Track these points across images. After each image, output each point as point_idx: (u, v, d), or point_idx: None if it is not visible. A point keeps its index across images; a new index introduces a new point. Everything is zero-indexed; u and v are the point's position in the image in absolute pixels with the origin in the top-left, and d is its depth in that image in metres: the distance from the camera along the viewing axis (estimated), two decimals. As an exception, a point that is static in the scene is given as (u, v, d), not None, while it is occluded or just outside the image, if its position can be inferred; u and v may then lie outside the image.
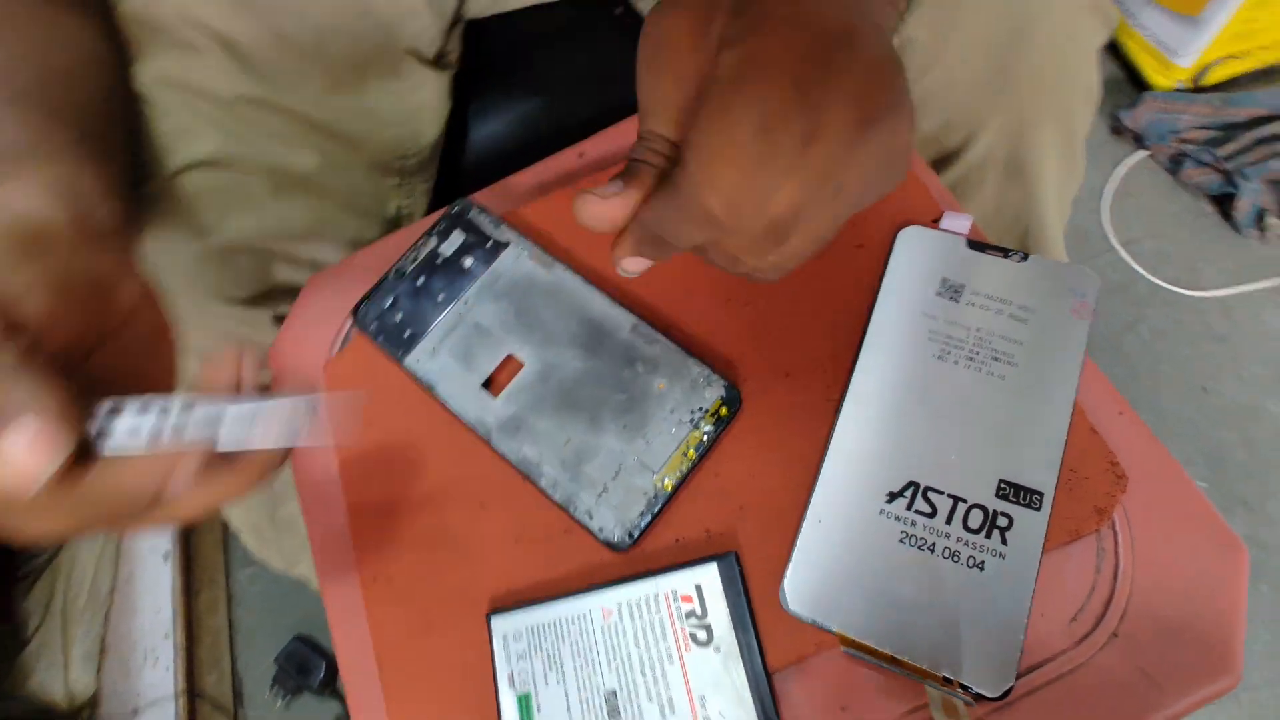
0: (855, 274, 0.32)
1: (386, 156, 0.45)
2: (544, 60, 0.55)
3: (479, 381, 0.32)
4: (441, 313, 0.33)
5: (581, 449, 0.30)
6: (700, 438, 0.29)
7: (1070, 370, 0.28)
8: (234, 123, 0.40)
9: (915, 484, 0.27)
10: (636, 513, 0.29)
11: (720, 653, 0.26)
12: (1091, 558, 0.27)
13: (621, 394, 0.30)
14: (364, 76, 0.43)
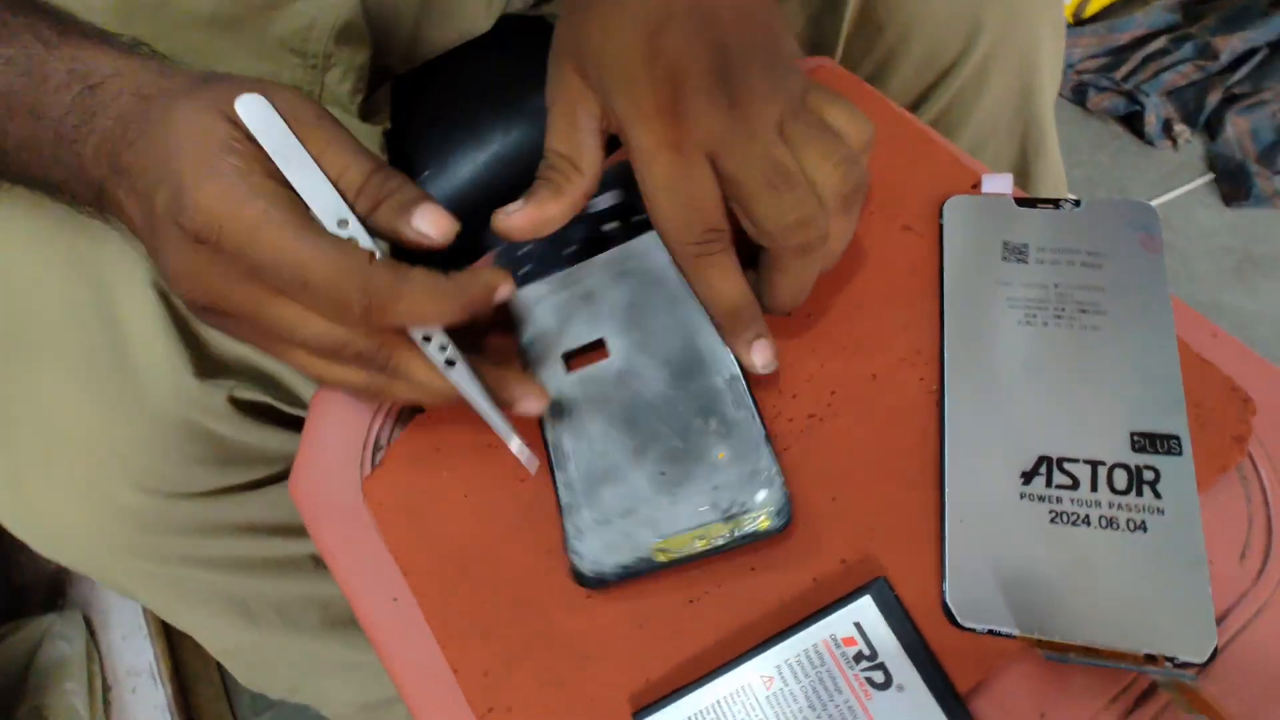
0: (911, 257, 0.30)
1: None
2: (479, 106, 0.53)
3: (561, 351, 0.30)
4: (564, 266, 0.32)
5: (610, 470, 0.28)
6: (723, 533, 0.26)
7: (1162, 305, 0.27)
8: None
9: (1047, 458, 0.26)
10: (617, 563, 0.26)
11: (904, 692, 0.24)
12: (1238, 488, 0.26)
13: (679, 441, 0.28)
14: None
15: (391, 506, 0.30)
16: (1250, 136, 0.96)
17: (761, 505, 0.26)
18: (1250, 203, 0.93)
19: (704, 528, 0.26)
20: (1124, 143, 1.01)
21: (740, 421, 0.27)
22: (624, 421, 0.28)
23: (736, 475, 0.27)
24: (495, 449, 0.30)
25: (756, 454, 0.27)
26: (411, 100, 0.51)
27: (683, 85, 0.25)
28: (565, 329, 0.31)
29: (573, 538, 0.27)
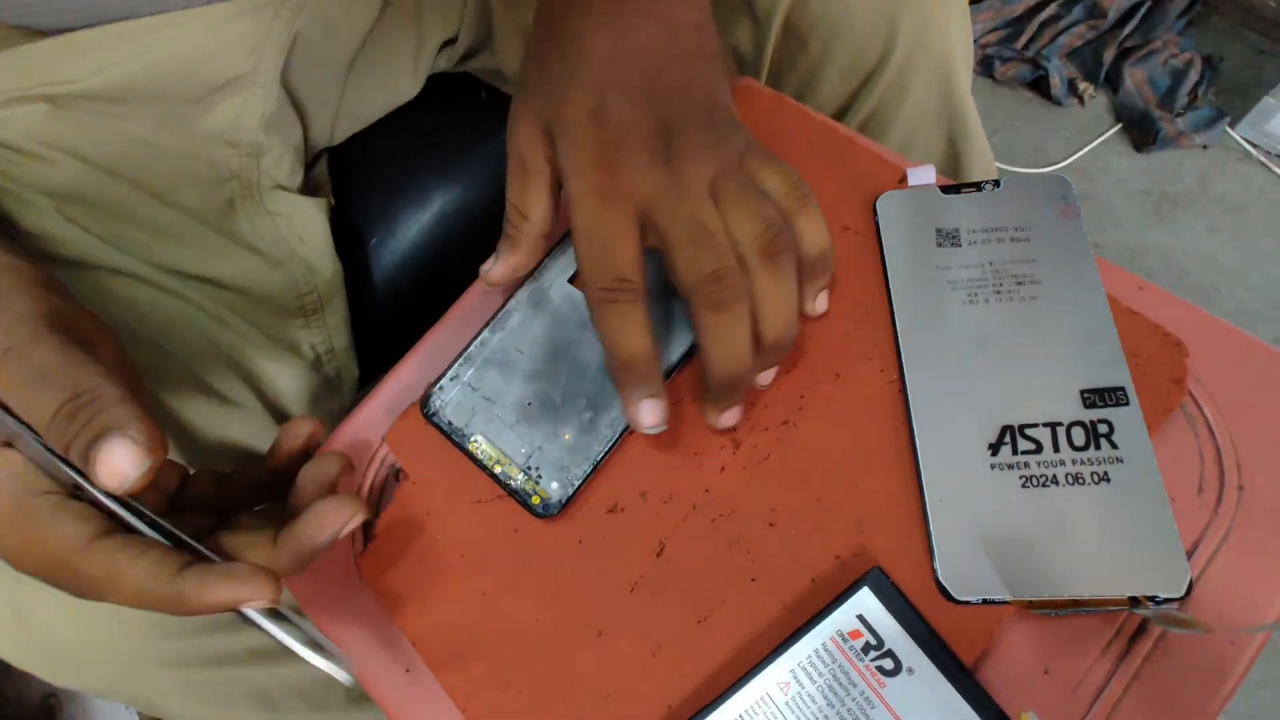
0: (855, 256, 0.32)
1: (283, 298, 0.42)
2: (419, 166, 0.53)
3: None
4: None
5: (510, 364, 0.31)
6: (513, 475, 0.30)
7: (1088, 267, 0.29)
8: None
9: (1009, 427, 0.27)
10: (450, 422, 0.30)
11: (915, 674, 0.25)
12: (1185, 427, 0.27)
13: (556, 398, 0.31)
14: (233, 216, 0.41)
15: (390, 581, 0.30)
16: (1148, 84, 1.01)
17: (549, 490, 0.30)
18: (1158, 146, 0.98)
19: (509, 460, 0.30)
20: (1034, 107, 1.06)
21: (600, 435, 0.30)
22: (556, 350, 0.31)
23: (558, 457, 0.30)
24: (482, 504, 0.31)
25: (582, 461, 0.30)
26: (351, 169, 0.51)
27: (622, 145, 0.27)
28: None
29: (447, 377, 0.31)
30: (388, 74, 0.47)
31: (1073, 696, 0.25)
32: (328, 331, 0.45)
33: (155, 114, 0.38)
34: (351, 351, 0.47)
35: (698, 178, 0.26)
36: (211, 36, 0.38)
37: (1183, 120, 0.98)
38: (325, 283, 0.44)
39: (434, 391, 0.31)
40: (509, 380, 0.31)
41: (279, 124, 0.42)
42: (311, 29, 0.42)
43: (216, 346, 0.39)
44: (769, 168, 0.28)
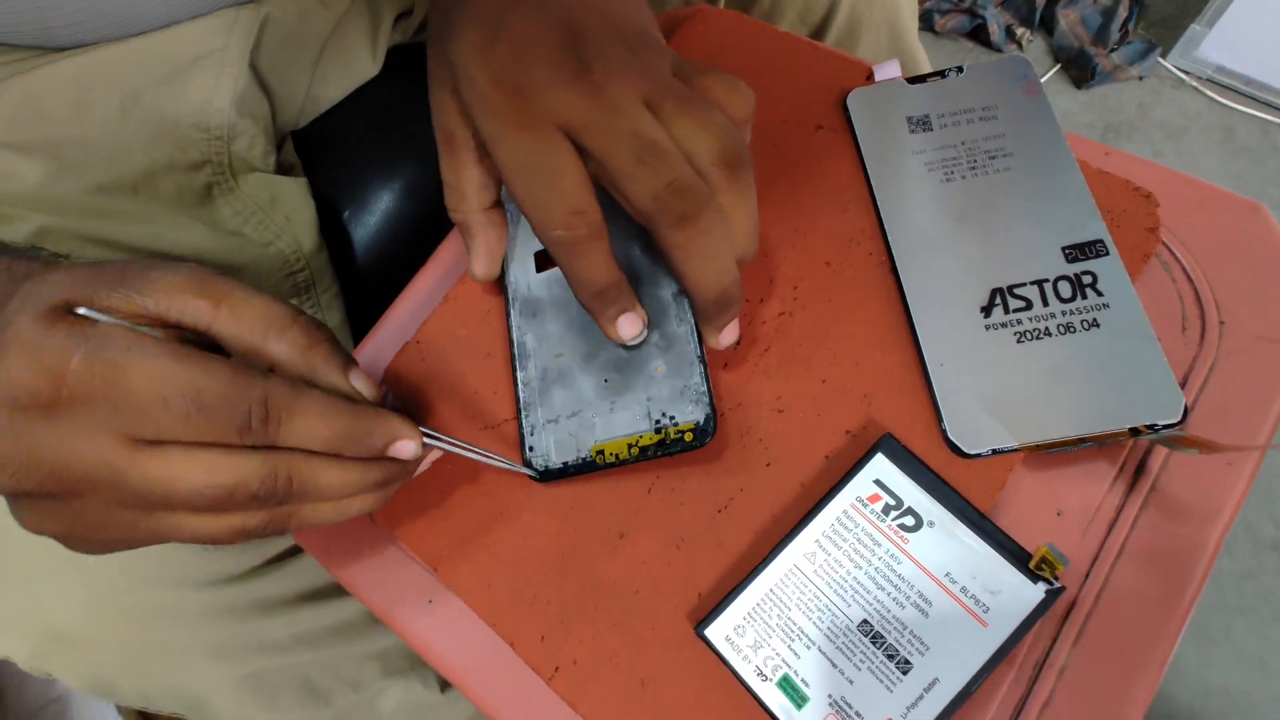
0: (833, 153, 0.32)
1: (276, 276, 0.42)
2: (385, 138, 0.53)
3: (534, 250, 0.31)
4: None
5: (563, 373, 0.29)
6: (652, 441, 0.27)
7: (1056, 136, 0.30)
8: None
9: (999, 289, 0.28)
10: (564, 460, 0.28)
11: (935, 527, 0.25)
12: (1162, 273, 0.29)
13: (624, 350, 0.29)
14: (211, 204, 0.40)
15: (402, 511, 0.30)
16: (1081, 24, 1.04)
17: (688, 418, 0.27)
18: (1097, 81, 1.01)
19: (637, 435, 0.27)
20: (976, 54, 1.09)
21: (680, 337, 0.28)
22: (580, 325, 0.30)
23: (669, 389, 0.28)
24: (490, 429, 0.30)
25: (690, 370, 0.28)
26: (317, 149, 0.51)
27: (526, 61, 0.24)
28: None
29: (527, 434, 0.29)
30: (350, 55, 0.47)
31: (1084, 535, 0.25)
32: (321, 308, 0.44)
33: (122, 95, 0.37)
34: (345, 328, 0.46)
35: (628, 91, 0.23)
36: (179, 17, 0.38)
37: (1117, 55, 1.01)
38: (315, 258, 0.44)
39: (529, 455, 0.28)
40: (574, 384, 0.29)
41: (249, 105, 0.41)
42: (283, 13, 0.41)
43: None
44: (708, 76, 0.25)
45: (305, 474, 0.22)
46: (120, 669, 0.34)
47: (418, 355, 0.32)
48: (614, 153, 0.23)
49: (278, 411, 0.21)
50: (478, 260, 0.30)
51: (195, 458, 0.20)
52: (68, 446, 0.19)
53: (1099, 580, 0.25)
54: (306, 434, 0.21)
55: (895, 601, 0.24)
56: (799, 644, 0.25)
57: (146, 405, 0.19)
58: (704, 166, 0.24)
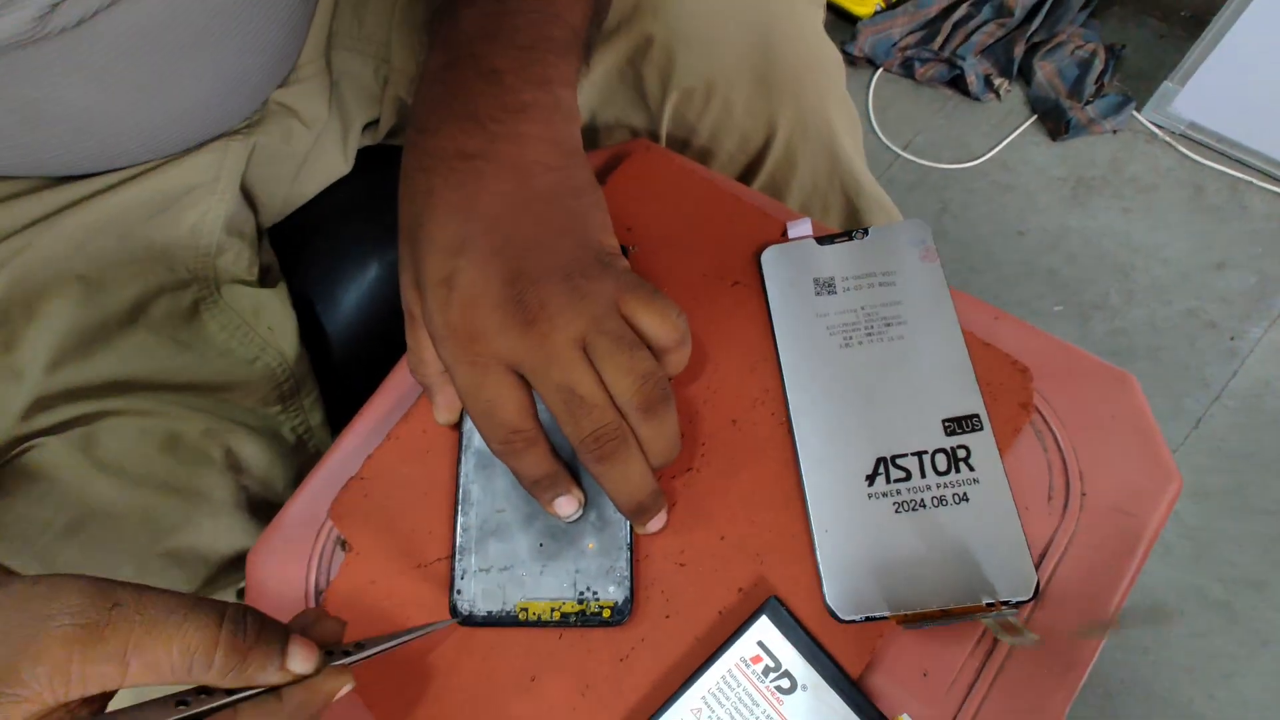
0: (746, 310, 0.35)
1: (262, 390, 0.44)
2: (355, 230, 0.56)
3: None
4: None
5: (501, 528, 0.32)
6: (573, 610, 0.30)
7: (945, 305, 0.33)
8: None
9: (883, 458, 0.30)
10: (487, 609, 0.31)
11: (809, 690, 0.28)
12: (1035, 443, 0.31)
13: (561, 522, 0.32)
14: (199, 322, 0.43)
15: (342, 644, 0.33)
16: (1058, 76, 1.06)
17: (609, 597, 0.30)
18: (1071, 134, 1.03)
19: (560, 601, 0.31)
20: (955, 103, 1.11)
21: (613, 522, 0.31)
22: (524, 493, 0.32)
23: (597, 566, 0.31)
24: (424, 568, 0.33)
25: (618, 554, 0.31)
26: (294, 242, 0.53)
27: (475, 312, 0.28)
28: None
29: (458, 577, 0.31)
30: (325, 159, 0.49)
31: (947, 694, 0.28)
32: (305, 412, 0.46)
33: (120, 232, 0.40)
34: (326, 426, 0.49)
35: (563, 338, 0.27)
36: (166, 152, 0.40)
37: (1092, 108, 1.03)
38: (298, 366, 0.46)
39: (456, 598, 0.31)
40: (510, 540, 0.32)
41: (237, 224, 0.44)
42: (269, 137, 0.44)
43: (210, 458, 0.40)
44: (647, 308, 0.28)
45: None
46: None
47: (360, 491, 0.35)
48: (549, 399, 0.28)
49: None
50: (439, 412, 0.33)
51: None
52: None
53: (955, 742, 0.27)
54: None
55: (768, 760, 0.27)
56: (682, 796, 0.27)
57: None
58: (625, 406, 0.28)
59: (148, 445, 0.38)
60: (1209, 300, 0.92)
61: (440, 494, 0.34)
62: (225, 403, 0.42)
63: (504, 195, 0.29)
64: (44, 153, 0.38)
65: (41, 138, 0.37)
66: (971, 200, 1.03)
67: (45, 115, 0.35)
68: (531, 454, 0.29)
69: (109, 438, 0.37)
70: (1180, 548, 0.81)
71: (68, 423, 0.37)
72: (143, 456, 0.38)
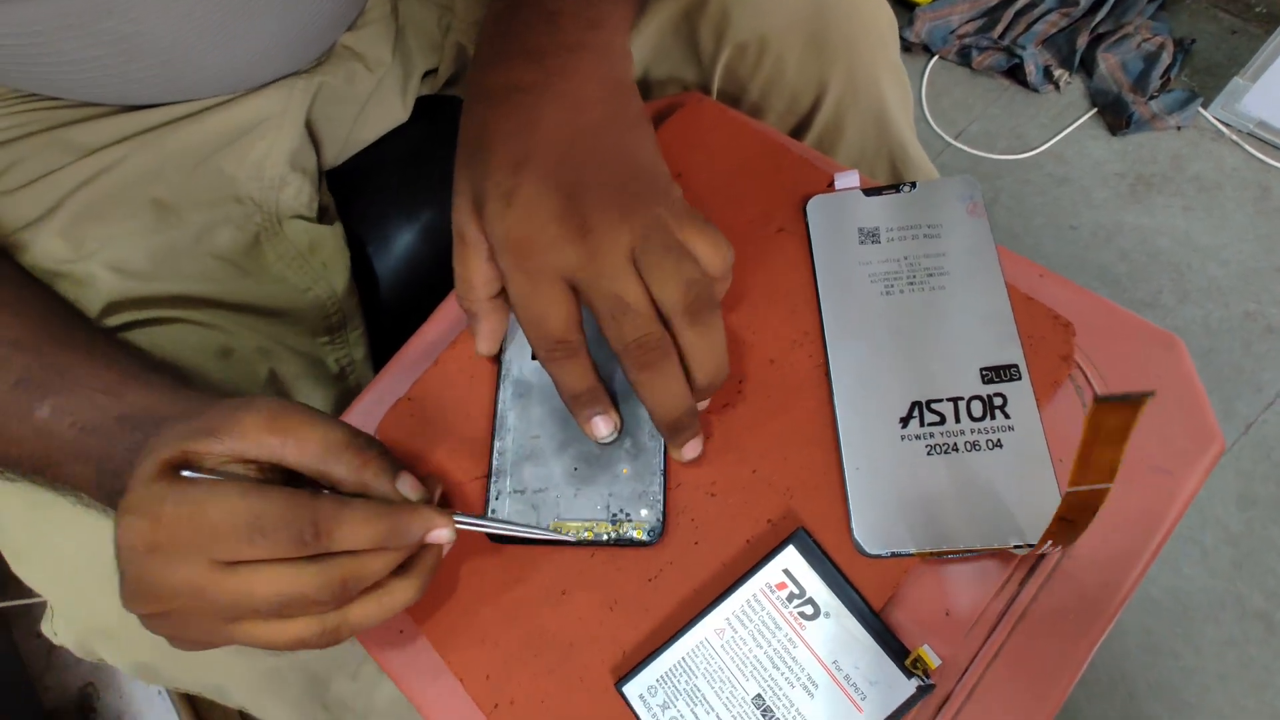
0: (788, 254, 0.35)
1: (311, 320, 0.46)
2: (410, 178, 0.57)
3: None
4: None
5: (537, 453, 0.33)
6: (606, 531, 0.31)
7: (990, 258, 0.33)
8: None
9: (918, 402, 0.31)
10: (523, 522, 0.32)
11: (831, 617, 0.28)
12: (1074, 398, 0.31)
13: (595, 448, 0.33)
14: (259, 252, 0.45)
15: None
16: (1121, 69, 1.03)
17: (642, 519, 0.31)
18: (1132, 129, 1.00)
19: (593, 522, 0.32)
20: (1012, 93, 1.08)
21: (648, 450, 0.32)
22: (562, 415, 0.34)
23: (630, 490, 0.32)
24: (464, 484, 0.35)
25: (651, 479, 0.32)
26: (351, 185, 0.55)
27: (533, 224, 0.29)
28: None
29: (492, 497, 0.33)
30: (385, 105, 0.51)
31: (968, 634, 0.28)
32: (349, 346, 0.49)
33: (195, 161, 0.42)
34: (368, 361, 0.51)
35: (614, 248, 0.28)
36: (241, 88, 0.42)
37: (1156, 103, 1.00)
38: (346, 301, 0.48)
39: (490, 516, 0.33)
40: (545, 464, 0.33)
41: (300, 160, 0.46)
42: (334, 78, 0.46)
43: (256, 374, 0.43)
44: (695, 230, 0.29)
45: (355, 570, 0.26)
46: (155, 658, 0.39)
47: (408, 411, 0.37)
48: (597, 307, 0.29)
49: (327, 525, 0.25)
50: (481, 341, 0.35)
51: (262, 573, 0.25)
52: (167, 574, 0.25)
53: (973, 679, 0.28)
54: (353, 538, 0.26)
55: (787, 680, 0.28)
56: (700, 709, 0.28)
57: (220, 536, 0.25)
58: (670, 313, 0.28)
59: (204, 353, 0.40)
60: (1269, 304, 0.89)
61: (480, 418, 0.36)
62: (277, 327, 0.44)
63: (559, 123, 0.30)
64: (133, 84, 0.40)
65: (133, 70, 0.39)
66: (1024, 192, 1.01)
67: (137, 50, 0.38)
68: (574, 365, 0.30)
69: (169, 341, 0.40)
70: (1221, 554, 0.79)
71: (131, 324, 0.40)
72: (199, 359, 0.40)
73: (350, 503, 0.26)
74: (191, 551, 0.25)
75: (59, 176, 0.40)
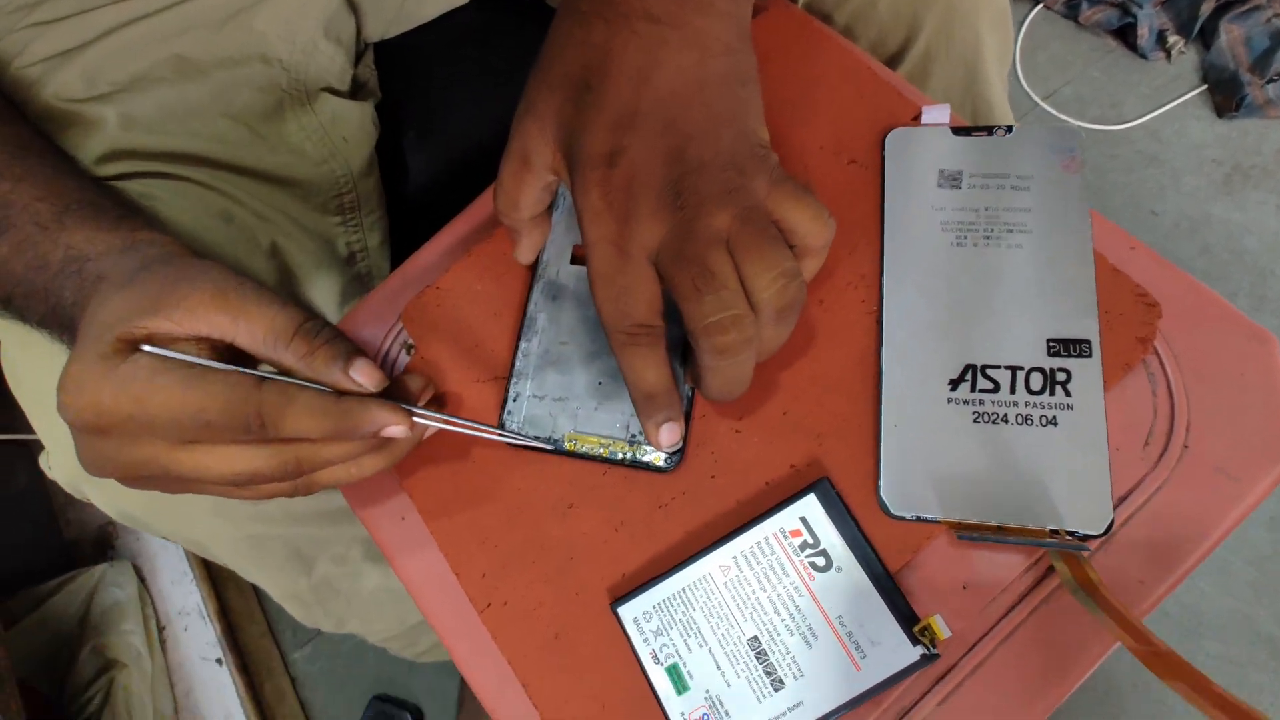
0: (856, 189, 0.32)
1: (324, 195, 0.45)
2: (464, 64, 0.54)
3: (573, 242, 0.34)
4: None
5: (562, 360, 0.32)
6: (623, 450, 0.30)
7: (1080, 221, 0.30)
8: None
9: (972, 366, 0.29)
10: (535, 434, 0.31)
11: (842, 572, 0.27)
12: (1145, 384, 0.29)
13: None
14: (280, 119, 0.43)
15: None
16: (1244, 44, 0.94)
17: None
18: (1242, 113, 0.92)
19: (611, 439, 0.31)
20: (1116, 56, 1.00)
21: (677, 374, 0.30)
22: (593, 324, 0.32)
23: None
24: (482, 383, 0.34)
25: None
26: (399, 62, 0.52)
27: (634, 192, 0.26)
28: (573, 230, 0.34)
29: (510, 398, 0.32)
30: None
31: (983, 611, 0.27)
32: (363, 230, 0.47)
33: (225, 13, 0.40)
34: (384, 250, 0.49)
35: (711, 225, 0.25)
36: None
37: (1274, 88, 0.91)
38: (363, 183, 0.46)
39: (505, 418, 0.32)
40: (569, 373, 0.32)
41: (335, 28, 0.43)
42: None
43: (258, 243, 0.42)
44: (797, 206, 0.26)
45: (311, 455, 0.26)
46: (139, 509, 0.40)
47: (435, 300, 0.35)
48: (679, 278, 0.25)
49: (271, 418, 0.25)
50: (522, 252, 0.33)
51: (218, 454, 0.26)
52: (124, 454, 0.26)
53: (981, 655, 0.27)
54: (299, 430, 0.25)
55: (786, 628, 0.27)
56: (694, 641, 0.28)
57: (164, 426, 0.25)
58: (760, 304, 0.26)
59: (203, 215, 0.39)
60: (1349, 323, 0.84)
61: (509, 316, 0.34)
62: (285, 198, 0.43)
63: (682, 71, 0.27)
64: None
65: None
66: (1108, 168, 0.94)
67: None
68: (653, 355, 0.27)
69: (167, 195, 0.39)
70: (1242, 573, 0.76)
71: (132, 174, 0.39)
72: (196, 221, 0.39)
73: (295, 395, 0.25)
74: (141, 435, 0.25)
75: (91, 17, 0.39)
